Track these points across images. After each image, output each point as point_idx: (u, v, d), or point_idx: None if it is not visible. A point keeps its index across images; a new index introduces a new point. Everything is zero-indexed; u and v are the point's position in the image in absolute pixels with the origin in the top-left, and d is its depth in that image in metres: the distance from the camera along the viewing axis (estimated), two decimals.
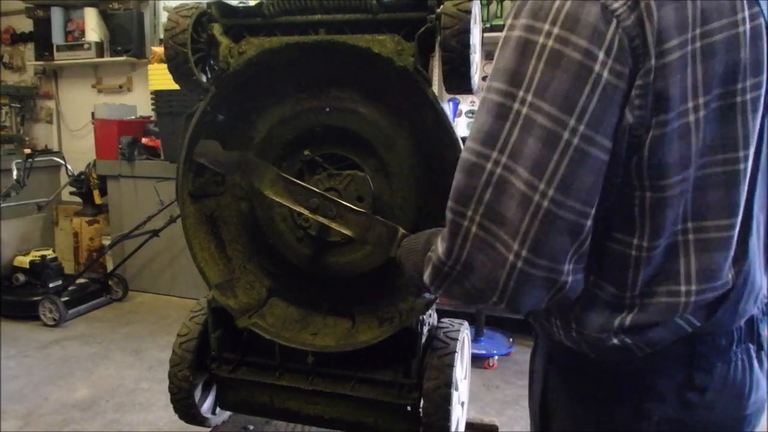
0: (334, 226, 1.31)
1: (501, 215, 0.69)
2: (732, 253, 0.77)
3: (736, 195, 0.75)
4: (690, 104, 0.69)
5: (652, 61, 0.67)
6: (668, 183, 0.71)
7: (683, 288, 0.76)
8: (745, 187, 0.75)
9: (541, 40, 0.68)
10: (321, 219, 1.31)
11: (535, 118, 0.67)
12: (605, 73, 0.66)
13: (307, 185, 1.34)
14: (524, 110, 0.68)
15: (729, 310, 0.80)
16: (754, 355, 0.85)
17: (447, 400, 1.29)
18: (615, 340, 0.79)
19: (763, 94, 0.73)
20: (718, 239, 0.75)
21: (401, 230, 1.25)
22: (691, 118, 0.69)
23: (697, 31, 0.68)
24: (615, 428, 0.86)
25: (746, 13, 0.71)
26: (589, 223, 0.70)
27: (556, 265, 0.69)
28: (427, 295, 1.30)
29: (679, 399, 0.82)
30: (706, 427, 0.83)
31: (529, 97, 0.67)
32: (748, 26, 0.71)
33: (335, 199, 1.31)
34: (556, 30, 0.67)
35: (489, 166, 0.70)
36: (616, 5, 0.66)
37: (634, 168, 0.71)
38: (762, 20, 0.72)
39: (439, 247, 0.76)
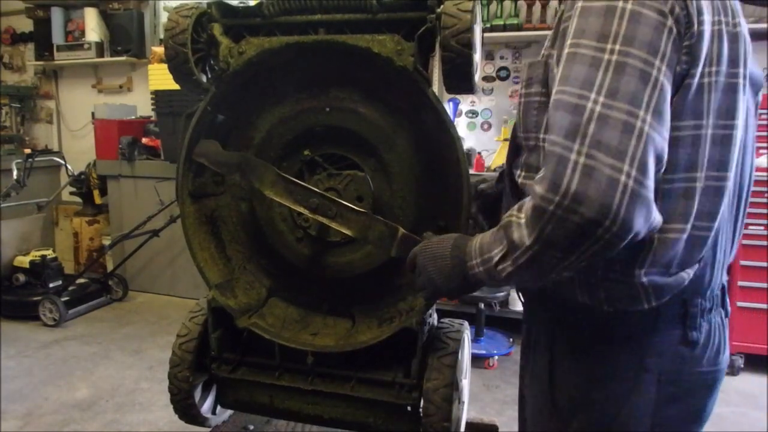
0: (334, 225, 1.31)
1: (606, 144, 0.78)
2: (724, 200, 0.94)
3: (728, 154, 0.92)
4: (707, 69, 0.88)
5: (694, 28, 0.85)
6: (681, 125, 0.88)
7: (688, 225, 0.92)
8: (736, 150, 0.93)
9: (620, 4, 0.83)
10: (321, 219, 1.31)
11: (626, 61, 0.81)
12: (674, 28, 0.84)
13: (306, 185, 1.34)
14: (614, 58, 0.82)
15: (710, 267, 0.98)
16: (724, 319, 1.04)
17: (447, 400, 1.29)
18: (644, 279, 0.93)
19: (742, 83, 0.92)
20: (716, 188, 0.92)
21: (401, 230, 1.26)
22: (706, 80, 0.88)
23: (716, 18, 0.88)
24: (621, 385, 0.99)
25: (740, 19, 0.92)
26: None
27: (653, 185, 0.80)
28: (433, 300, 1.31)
29: (674, 354, 0.98)
30: (695, 377, 1.00)
31: (618, 47, 0.82)
32: (739, 29, 0.91)
33: (335, 198, 1.31)
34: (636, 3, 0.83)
35: (590, 105, 0.81)
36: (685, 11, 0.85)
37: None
38: (741, 29, 0.92)
39: (540, 188, 0.81)
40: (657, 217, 0.83)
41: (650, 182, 0.79)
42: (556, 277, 0.89)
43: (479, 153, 4.13)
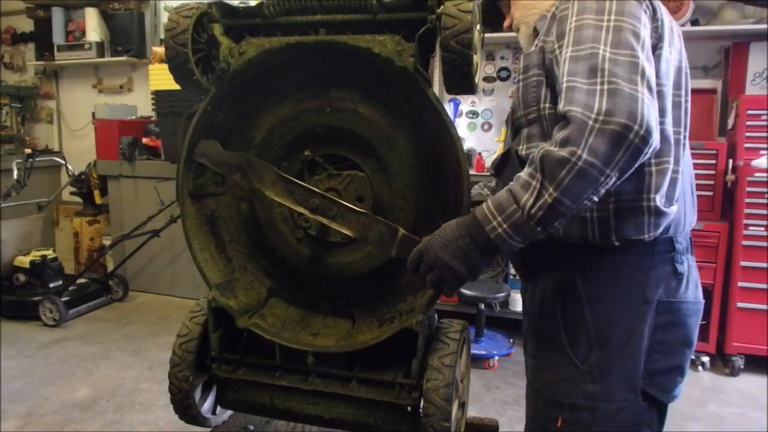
0: (334, 226, 1.31)
1: (620, 74, 1.01)
2: (685, 151, 1.23)
3: (683, 117, 1.21)
4: (667, 47, 1.16)
5: (658, 15, 1.15)
6: (659, 82, 1.13)
7: (671, 161, 1.17)
8: (688, 118, 1.22)
9: None
10: (321, 219, 1.31)
11: (621, 25, 1.06)
12: (647, 10, 1.13)
13: (307, 185, 1.34)
14: (612, 23, 1.07)
15: (683, 210, 1.23)
16: (693, 262, 1.29)
17: (447, 400, 1.29)
18: (651, 203, 1.15)
19: (685, 69, 1.23)
20: (677, 139, 1.19)
21: (401, 230, 1.26)
22: (665, 55, 1.15)
23: (667, 18, 1.18)
24: (630, 317, 1.19)
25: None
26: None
27: (656, 102, 1.05)
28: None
29: (667, 285, 1.21)
30: (683, 306, 1.23)
31: (613, 17, 1.07)
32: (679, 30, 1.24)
33: (335, 199, 1.31)
34: None
35: (601, 52, 1.04)
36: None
37: None
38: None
39: (576, 113, 1.00)
40: (658, 126, 1.03)
41: (654, 99, 1.03)
42: (589, 204, 1.04)
43: (479, 153, 4.13)
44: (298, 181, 1.34)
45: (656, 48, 1.14)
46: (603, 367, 1.19)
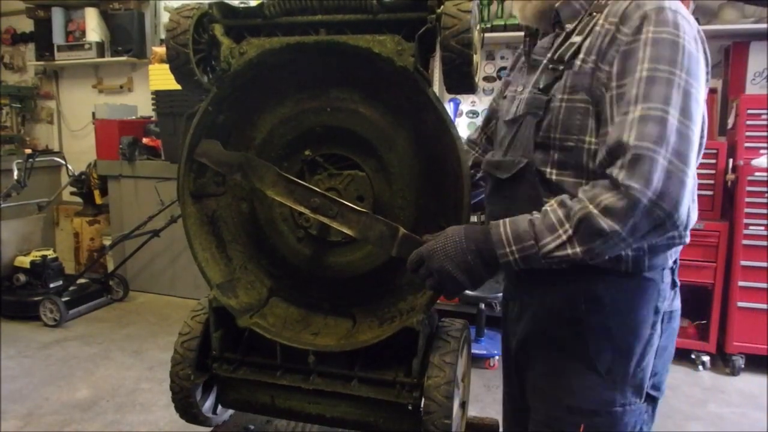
0: (335, 225, 1.31)
1: (680, 153, 1.02)
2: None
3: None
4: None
5: (708, 77, 1.17)
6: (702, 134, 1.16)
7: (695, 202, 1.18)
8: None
9: (681, 42, 1.08)
10: (322, 218, 1.32)
11: (690, 90, 1.06)
12: (705, 63, 1.15)
13: (308, 185, 1.34)
14: (683, 84, 1.05)
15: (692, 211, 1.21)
16: None
17: (448, 397, 1.30)
18: (684, 239, 1.19)
19: None
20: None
21: (402, 230, 1.26)
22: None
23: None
24: (646, 326, 1.23)
25: None
26: None
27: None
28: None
29: (669, 296, 1.26)
30: (677, 313, 1.30)
31: (684, 75, 1.06)
32: None
33: (336, 198, 1.32)
34: (686, 37, 1.09)
35: (671, 119, 1.03)
36: (700, 35, 1.14)
37: None
38: None
39: (635, 183, 1.00)
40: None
41: (695, 180, 1.06)
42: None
43: None
44: (299, 181, 1.34)
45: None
46: (623, 376, 1.24)
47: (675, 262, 1.28)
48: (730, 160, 3.52)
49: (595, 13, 1.20)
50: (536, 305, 1.32)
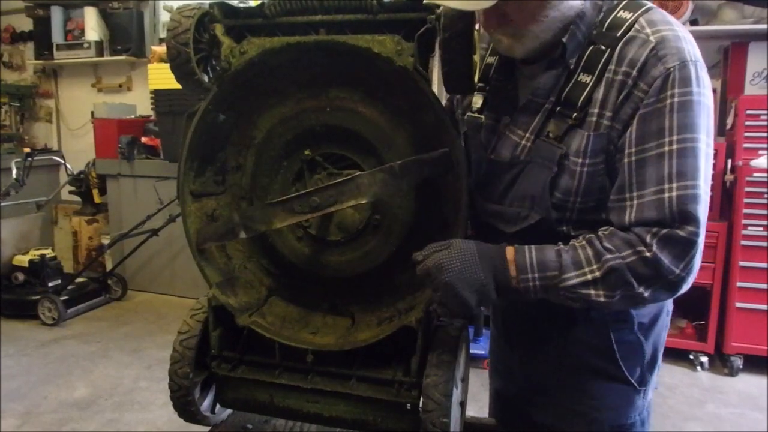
0: (343, 206, 1.30)
1: (700, 220, 1.06)
2: None
3: None
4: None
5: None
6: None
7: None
8: None
9: (705, 101, 1.06)
10: (329, 210, 1.31)
11: (709, 152, 1.07)
12: None
13: (300, 192, 1.34)
14: (706, 149, 1.07)
15: None
16: None
17: (447, 396, 1.30)
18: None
19: None
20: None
21: (396, 164, 1.25)
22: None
23: None
24: (664, 332, 1.32)
25: None
26: None
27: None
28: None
29: (663, 320, 1.32)
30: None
31: (709, 140, 1.07)
32: None
33: (327, 184, 1.31)
34: (706, 92, 1.08)
35: (703, 195, 1.07)
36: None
37: None
38: None
39: (667, 261, 1.03)
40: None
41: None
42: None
43: None
44: (291, 195, 1.34)
45: None
46: (650, 382, 1.32)
47: None
48: (729, 161, 3.53)
49: (597, 44, 1.12)
50: (555, 341, 1.33)
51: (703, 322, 3.62)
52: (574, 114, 1.13)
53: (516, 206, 1.24)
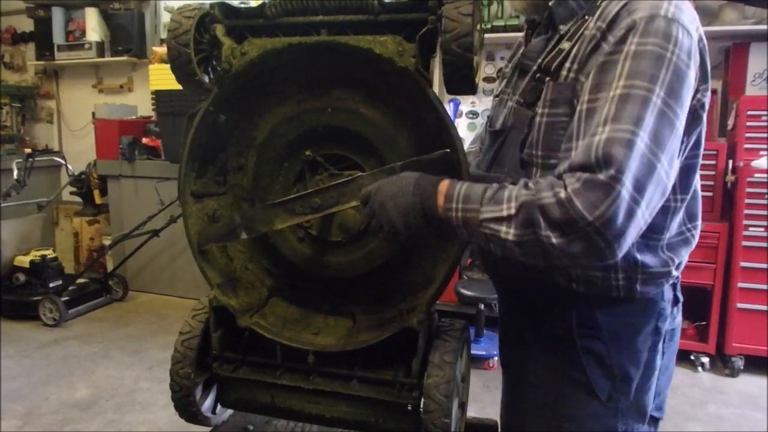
0: (344, 207, 1.30)
1: (640, 183, 0.94)
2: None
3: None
4: (704, 118, 1.12)
5: (708, 82, 1.08)
6: (699, 152, 1.15)
7: (698, 226, 1.22)
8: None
9: (668, 56, 0.98)
10: (331, 210, 1.31)
11: (667, 111, 0.97)
12: (696, 77, 1.04)
13: (300, 193, 1.34)
14: (659, 103, 0.96)
15: None
16: None
17: (447, 396, 1.30)
18: (675, 273, 1.19)
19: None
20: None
21: (397, 164, 1.24)
22: (704, 115, 1.12)
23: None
24: (646, 350, 1.20)
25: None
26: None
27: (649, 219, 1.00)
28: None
29: (671, 314, 1.23)
30: (678, 329, 1.29)
31: (662, 94, 0.97)
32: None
33: (328, 185, 1.31)
34: (677, 51, 0.99)
35: (639, 142, 0.94)
36: (701, 43, 1.06)
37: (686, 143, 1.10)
38: None
39: (579, 205, 0.93)
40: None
41: (650, 217, 0.98)
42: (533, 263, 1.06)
43: None
44: (291, 196, 1.34)
45: (698, 113, 1.09)
46: (625, 401, 1.20)
47: (677, 278, 1.24)
48: (730, 161, 3.52)
49: (588, 16, 1.11)
50: (531, 330, 1.30)
51: (704, 323, 3.61)
52: (547, 78, 1.14)
53: (496, 171, 1.26)
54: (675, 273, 1.19)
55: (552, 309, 1.24)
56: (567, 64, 1.10)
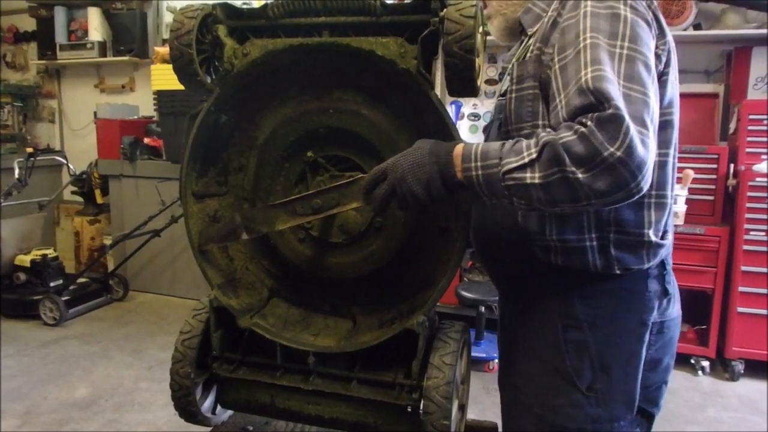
0: (345, 209, 1.30)
1: (632, 116, 0.96)
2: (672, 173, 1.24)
3: (673, 135, 1.22)
4: (673, 70, 1.17)
5: (666, 38, 1.14)
6: (665, 111, 1.16)
7: (670, 193, 1.22)
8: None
9: (622, 12, 1.06)
10: (331, 212, 1.30)
11: (635, 56, 1.03)
12: (655, 34, 1.11)
13: (301, 194, 1.34)
14: (625, 52, 1.03)
15: (671, 232, 1.26)
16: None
17: (447, 398, 1.30)
18: (653, 237, 1.18)
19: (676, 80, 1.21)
20: (673, 164, 1.22)
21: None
22: (671, 77, 1.17)
23: (669, 35, 1.17)
24: (631, 343, 1.22)
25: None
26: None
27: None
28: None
29: (659, 306, 1.24)
30: (670, 323, 1.28)
31: (626, 44, 1.04)
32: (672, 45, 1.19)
33: (329, 186, 1.31)
34: (628, 8, 1.07)
35: (617, 79, 1.00)
36: (652, 4, 1.14)
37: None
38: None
39: (604, 140, 0.95)
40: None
41: (656, 141, 1.01)
42: (558, 210, 1.11)
43: None
44: (293, 197, 1.34)
45: (663, 74, 1.14)
46: (607, 392, 1.21)
47: (664, 268, 1.25)
48: (732, 165, 3.52)
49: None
50: (515, 318, 1.32)
51: (704, 327, 3.61)
52: (513, 60, 1.26)
53: None
54: (653, 239, 1.18)
55: (534, 298, 1.26)
56: (530, 46, 1.21)
